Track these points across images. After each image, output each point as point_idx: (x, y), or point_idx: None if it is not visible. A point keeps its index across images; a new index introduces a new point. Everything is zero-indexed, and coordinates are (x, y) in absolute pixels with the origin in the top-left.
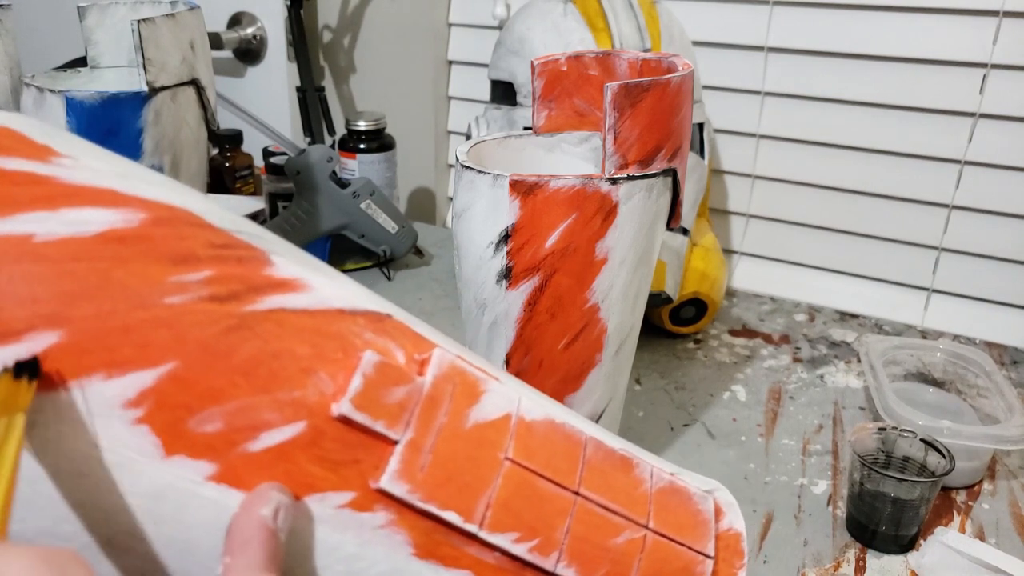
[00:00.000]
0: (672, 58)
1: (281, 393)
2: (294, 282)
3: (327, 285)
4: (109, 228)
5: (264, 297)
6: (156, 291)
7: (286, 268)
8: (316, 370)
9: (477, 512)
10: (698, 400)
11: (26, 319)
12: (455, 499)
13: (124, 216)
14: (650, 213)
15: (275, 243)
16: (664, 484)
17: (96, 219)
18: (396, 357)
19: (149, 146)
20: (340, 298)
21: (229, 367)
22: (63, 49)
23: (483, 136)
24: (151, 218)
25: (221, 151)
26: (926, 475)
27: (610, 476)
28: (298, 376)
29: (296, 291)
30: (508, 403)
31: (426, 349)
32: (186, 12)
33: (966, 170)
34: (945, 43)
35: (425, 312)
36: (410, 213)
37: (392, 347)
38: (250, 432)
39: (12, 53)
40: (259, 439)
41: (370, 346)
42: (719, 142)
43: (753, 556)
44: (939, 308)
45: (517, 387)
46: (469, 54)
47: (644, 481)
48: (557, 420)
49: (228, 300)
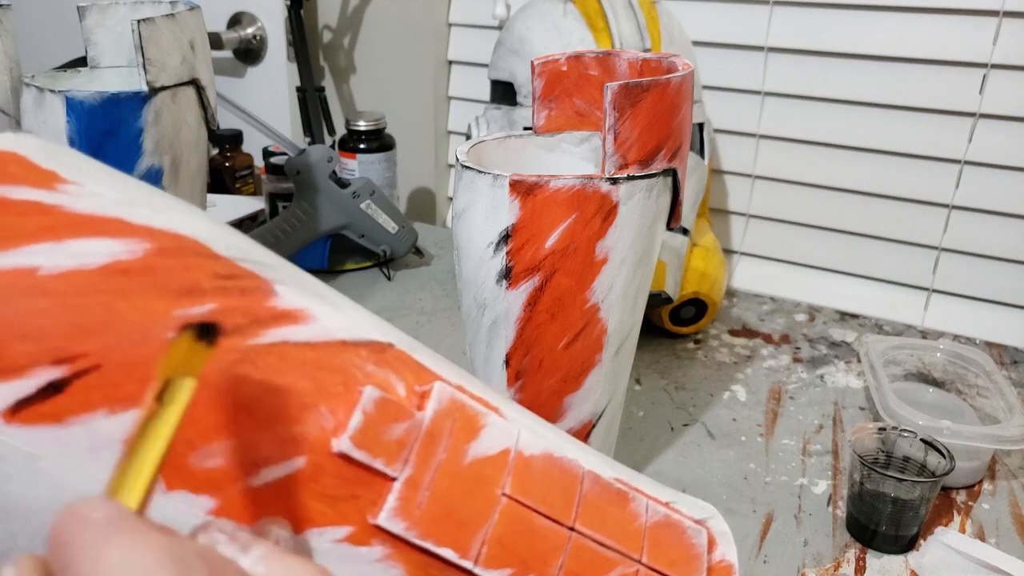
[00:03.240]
0: (672, 58)
1: (282, 428)
2: (297, 313)
3: (330, 315)
4: (114, 260)
5: (267, 330)
6: (160, 325)
7: (290, 298)
8: (317, 405)
9: (473, 549)
10: (698, 400)
11: (31, 355)
12: (451, 536)
13: (129, 247)
14: (650, 213)
15: (280, 270)
16: (659, 518)
17: (101, 251)
18: (397, 390)
19: (149, 146)
20: (343, 329)
21: (232, 403)
22: (63, 49)
23: (483, 136)
24: (156, 248)
25: (221, 151)
26: (926, 475)
27: (606, 511)
28: (299, 412)
29: (299, 323)
30: (507, 437)
31: (427, 380)
32: (186, 12)
33: (966, 170)
34: (945, 43)
35: (425, 312)
36: (410, 213)
37: (393, 379)
38: (251, 468)
39: (12, 53)
40: (260, 474)
41: (371, 379)
42: (719, 142)
43: (753, 556)
44: (939, 308)
45: (517, 417)
46: (469, 54)
47: (639, 516)
48: (556, 454)
49: (232, 334)
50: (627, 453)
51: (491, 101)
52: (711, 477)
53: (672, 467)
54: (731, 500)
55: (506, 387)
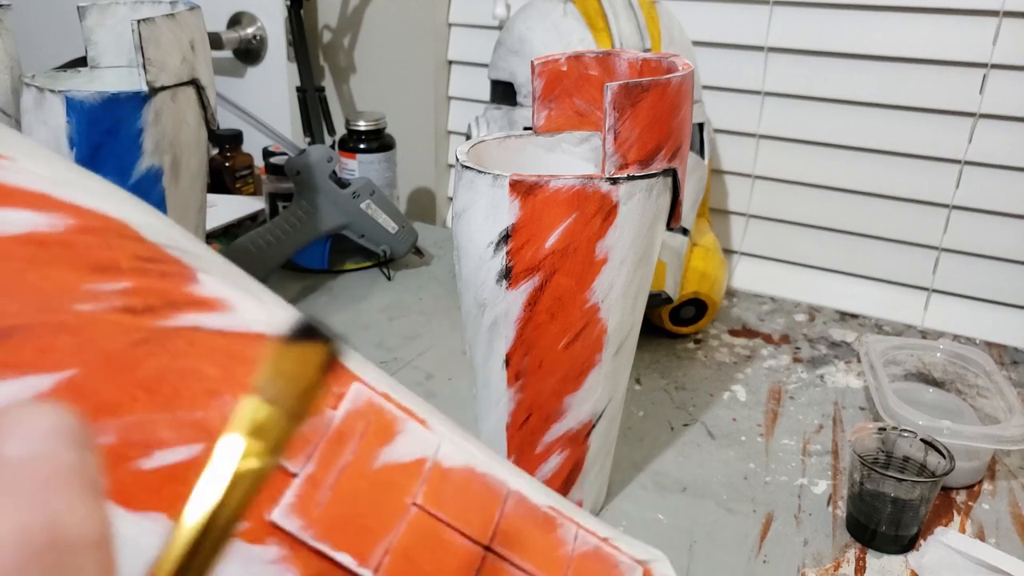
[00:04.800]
0: (672, 58)
1: (182, 412)
2: (215, 301)
3: (251, 308)
4: (32, 230)
5: (180, 314)
6: (67, 297)
7: (211, 287)
8: (222, 392)
9: (374, 557)
10: (698, 400)
11: None
12: (351, 540)
13: (50, 220)
14: (650, 213)
15: (209, 262)
16: (587, 549)
17: (20, 220)
18: None
19: (149, 146)
20: (262, 322)
21: (131, 380)
22: (63, 49)
23: (483, 136)
24: (78, 225)
25: (221, 151)
26: (926, 475)
27: (528, 534)
28: (202, 397)
29: (215, 311)
30: (425, 446)
31: (346, 382)
32: (186, 12)
33: (966, 170)
34: (945, 43)
35: (425, 312)
36: (410, 213)
37: None
38: (144, 449)
39: (12, 53)
40: (153, 456)
41: None
42: (719, 142)
43: (753, 556)
44: (939, 308)
45: (443, 431)
46: (469, 54)
47: (565, 543)
48: (478, 470)
49: (142, 313)
50: (627, 453)
51: (491, 101)
52: (711, 477)
53: (672, 467)
54: (731, 500)
55: (506, 387)
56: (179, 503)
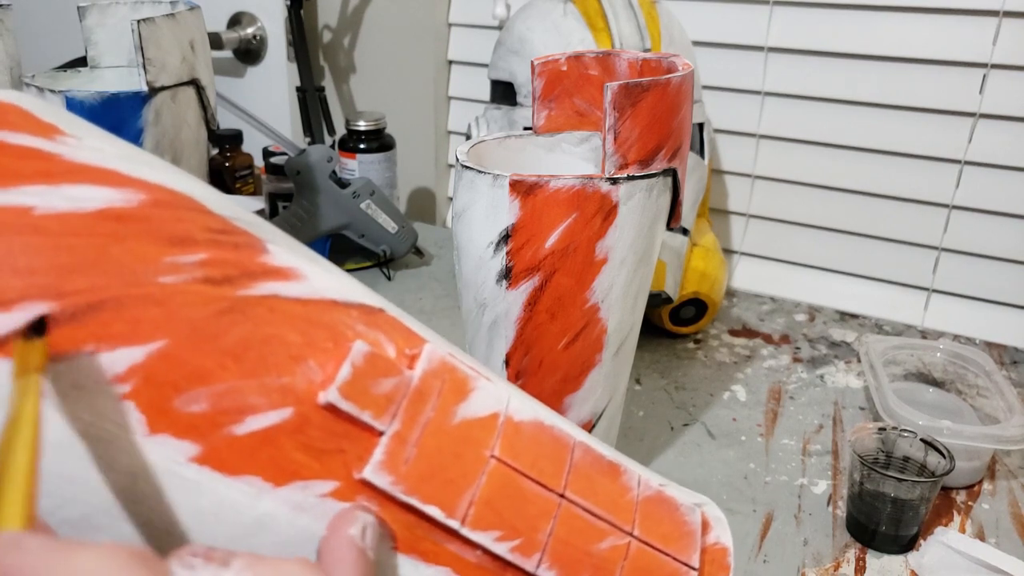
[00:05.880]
0: (672, 58)
1: (269, 378)
2: (289, 270)
3: (322, 276)
4: (108, 206)
5: (258, 283)
6: (151, 269)
7: (282, 257)
8: (305, 358)
9: (460, 508)
10: (698, 400)
11: (20, 289)
12: (438, 494)
13: (124, 196)
14: (650, 213)
15: (272, 233)
16: (651, 493)
17: (96, 196)
18: (386, 350)
19: (149, 146)
20: (334, 289)
21: (219, 349)
22: (63, 49)
23: (483, 136)
24: (151, 199)
25: (221, 151)
26: (926, 475)
27: (596, 481)
28: (287, 362)
29: (290, 279)
30: (497, 402)
31: (417, 344)
32: (186, 12)
33: (966, 170)
34: (945, 43)
35: (425, 312)
36: (410, 213)
37: (383, 340)
38: (236, 415)
39: (12, 53)
40: (245, 423)
41: (361, 337)
42: (719, 142)
43: (753, 556)
44: (939, 308)
45: (507, 388)
46: (469, 54)
47: (631, 489)
48: (546, 422)
49: (222, 283)
50: (627, 453)
51: (491, 101)
52: (711, 477)
53: (672, 467)
54: (731, 500)
55: None
56: (272, 466)
